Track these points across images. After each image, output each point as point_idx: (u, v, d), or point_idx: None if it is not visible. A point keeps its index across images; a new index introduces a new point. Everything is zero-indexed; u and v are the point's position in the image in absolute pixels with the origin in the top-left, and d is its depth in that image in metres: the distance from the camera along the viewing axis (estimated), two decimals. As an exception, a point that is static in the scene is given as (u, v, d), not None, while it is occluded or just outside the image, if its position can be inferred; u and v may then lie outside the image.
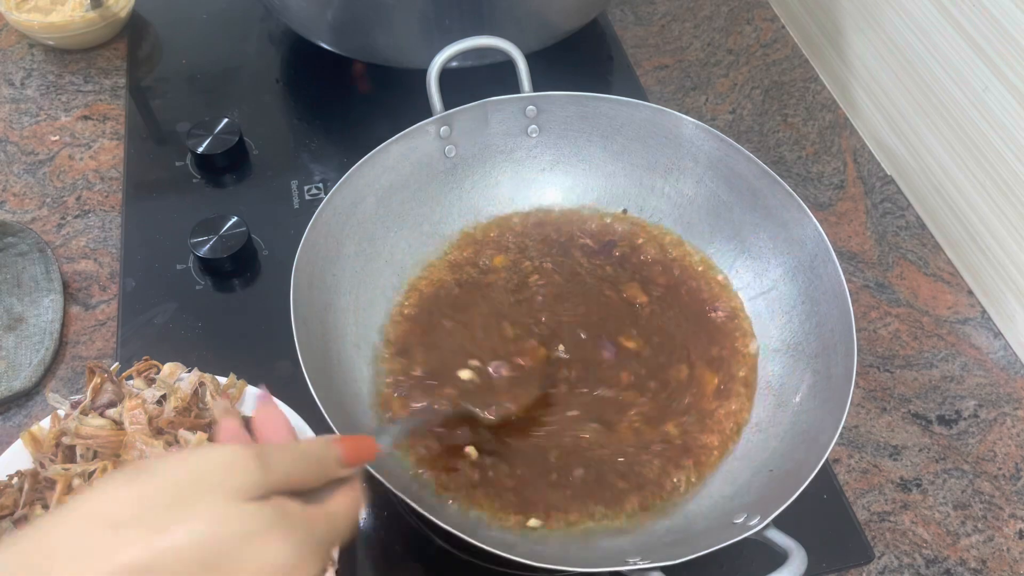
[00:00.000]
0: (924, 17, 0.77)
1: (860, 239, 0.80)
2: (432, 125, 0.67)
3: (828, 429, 0.53)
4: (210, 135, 0.80)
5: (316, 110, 0.88)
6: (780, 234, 0.65)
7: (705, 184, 0.69)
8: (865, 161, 0.86)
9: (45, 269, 0.73)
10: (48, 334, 0.69)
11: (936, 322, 0.74)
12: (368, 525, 0.61)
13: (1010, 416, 0.69)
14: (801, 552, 0.46)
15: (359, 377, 0.61)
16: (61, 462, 0.53)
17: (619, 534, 0.55)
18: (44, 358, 0.68)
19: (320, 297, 0.60)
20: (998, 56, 0.69)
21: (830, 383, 0.57)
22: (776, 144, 0.88)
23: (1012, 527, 0.63)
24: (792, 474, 0.52)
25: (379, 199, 0.66)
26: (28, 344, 0.69)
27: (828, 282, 0.60)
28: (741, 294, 0.67)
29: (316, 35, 0.82)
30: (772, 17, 1.01)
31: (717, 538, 0.48)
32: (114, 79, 0.90)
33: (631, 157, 0.71)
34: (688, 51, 0.97)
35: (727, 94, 0.92)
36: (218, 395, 0.58)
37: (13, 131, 0.85)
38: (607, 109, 0.69)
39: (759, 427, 0.60)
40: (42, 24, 0.88)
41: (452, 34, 0.67)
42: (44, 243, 0.74)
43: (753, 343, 0.65)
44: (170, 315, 0.71)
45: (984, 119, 0.72)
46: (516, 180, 0.72)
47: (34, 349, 0.68)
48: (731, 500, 0.56)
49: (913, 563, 0.61)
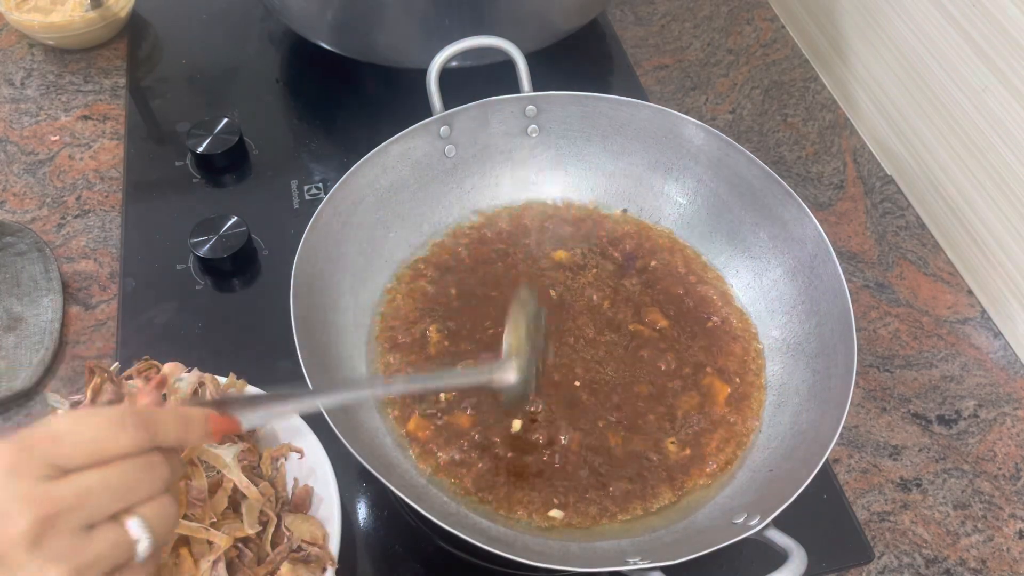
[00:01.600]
0: (924, 17, 0.77)
1: (860, 239, 0.80)
2: (432, 125, 0.67)
3: (828, 429, 0.53)
4: (210, 135, 0.80)
5: (316, 110, 0.88)
6: (780, 234, 0.65)
7: (705, 184, 0.69)
8: (865, 161, 0.86)
9: (44, 269, 0.73)
10: (48, 334, 0.69)
11: (936, 322, 0.74)
12: (368, 525, 0.61)
13: (1010, 416, 0.69)
14: (801, 552, 0.46)
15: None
16: (61, 462, 0.53)
17: (619, 534, 0.55)
18: (44, 358, 0.68)
19: (320, 298, 0.60)
20: (998, 56, 0.69)
21: (830, 383, 0.57)
22: (776, 144, 0.88)
23: (1012, 527, 0.63)
24: (792, 474, 0.52)
25: (379, 199, 0.66)
26: (28, 344, 0.69)
27: (828, 281, 0.60)
28: (742, 295, 0.67)
29: (316, 35, 0.82)
30: (772, 17, 1.01)
31: (717, 538, 0.48)
32: (114, 79, 0.90)
33: (631, 157, 0.71)
34: (688, 51, 0.97)
35: (727, 94, 0.92)
36: (218, 395, 0.58)
37: (13, 131, 0.85)
38: (607, 109, 0.69)
39: (760, 426, 0.60)
40: (42, 24, 0.88)
41: (452, 33, 0.67)
42: (43, 242, 0.74)
43: (756, 345, 0.64)
44: (170, 315, 0.71)
45: (984, 119, 0.72)
46: (516, 180, 0.72)
47: (33, 349, 0.68)
48: (731, 500, 0.56)
49: (913, 563, 0.61)
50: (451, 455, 0.57)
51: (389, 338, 0.63)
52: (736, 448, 0.59)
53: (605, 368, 0.62)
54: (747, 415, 0.61)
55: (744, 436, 0.60)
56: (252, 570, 0.51)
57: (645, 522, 0.56)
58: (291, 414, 0.56)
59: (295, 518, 0.53)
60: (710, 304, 0.66)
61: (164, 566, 0.49)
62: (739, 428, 0.60)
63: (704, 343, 0.64)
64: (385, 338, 0.63)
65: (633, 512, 0.56)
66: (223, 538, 0.50)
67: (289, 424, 0.58)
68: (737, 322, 0.66)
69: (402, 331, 0.64)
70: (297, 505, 0.55)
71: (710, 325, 0.65)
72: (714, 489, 0.58)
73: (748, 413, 0.61)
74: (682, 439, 0.59)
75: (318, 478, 0.56)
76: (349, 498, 0.61)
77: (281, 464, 0.57)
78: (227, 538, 0.50)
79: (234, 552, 0.51)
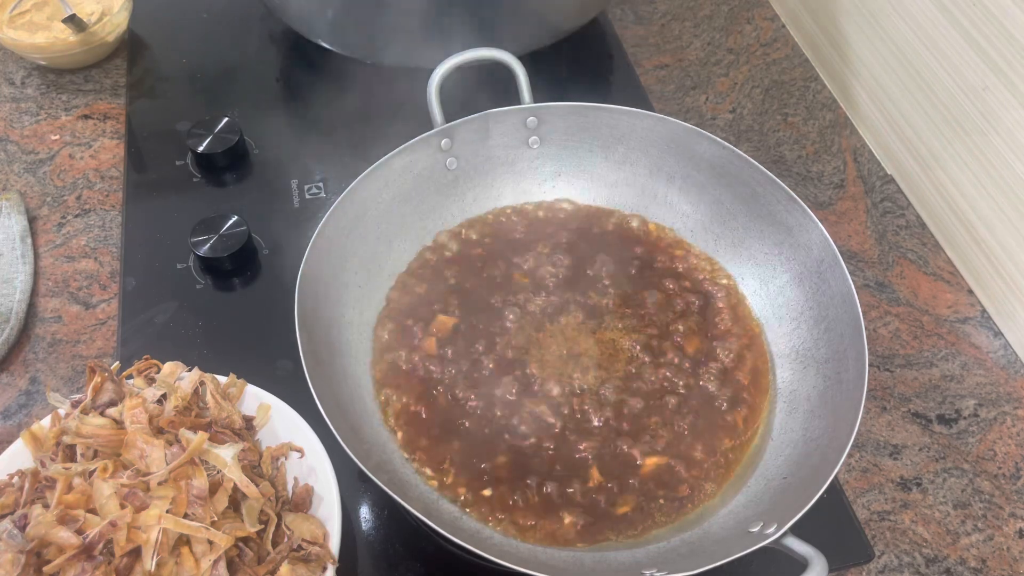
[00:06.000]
0: (924, 16, 0.77)
1: (860, 238, 0.80)
2: (433, 138, 0.67)
3: (841, 434, 0.53)
4: (210, 134, 0.80)
5: (316, 109, 0.88)
6: (786, 240, 0.65)
7: (708, 191, 0.69)
8: (865, 160, 0.86)
9: (21, 254, 0.72)
10: (14, 314, 0.69)
11: (936, 321, 0.74)
12: (368, 525, 0.61)
13: (1010, 415, 0.69)
14: (821, 560, 0.45)
15: (365, 395, 0.61)
16: (61, 461, 0.53)
17: (634, 546, 0.55)
18: (8, 337, 0.67)
19: (325, 312, 0.60)
20: (998, 55, 0.69)
21: (841, 388, 0.57)
22: (776, 143, 0.88)
23: (1012, 526, 0.63)
24: (807, 481, 0.52)
25: (381, 212, 0.66)
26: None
27: (836, 287, 0.60)
28: (749, 302, 0.67)
29: (316, 34, 0.82)
30: (772, 16, 1.01)
31: (734, 547, 0.47)
32: (114, 78, 0.90)
33: (633, 167, 0.71)
34: (688, 50, 0.97)
35: (727, 93, 0.92)
36: (218, 394, 0.58)
37: (14, 130, 0.85)
38: (608, 119, 0.69)
39: (772, 434, 0.60)
40: (28, 44, 0.86)
41: (452, 32, 0.67)
42: (26, 221, 0.74)
43: (767, 353, 0.64)
44: (170, 314, 0.71)
45: (984, 118, 0.72)
46: (518, 192, 0.72)
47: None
48: (746, 509, 0.56)
49: (913, 562, 0.61)
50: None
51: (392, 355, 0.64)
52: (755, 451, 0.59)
53: (618, 383, 0.62)
54: (752, 424, 0.61)
55: (764, 439, 0.60)
56: (253, 569, 0.51)
57: (656, 532, 0.56)
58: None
59: (295, 517, 0.53)
60: (727, 314, 0.66)
61: (165, 565, 0.49)
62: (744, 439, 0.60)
63: (734, 366, 0.64)
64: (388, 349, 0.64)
65: (643, 526, 0.56)
66: (224, 537, 0.50)
67: (289, 423, 0.58)
68: (750, 333, 0.65)
69: (404, 339, 0.64)
70: (297, 504, 0.55)
71: (735, 339, 0.65)
72: (722, 498, 0.57)
73: (761, 419, 0.61)
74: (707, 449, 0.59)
75: (318, 477, 0.56)
76: (349, 497, 0.61)
77: (281, 463, 0.57)
78: (228, 537, 0.50)
79: (235, 551, 0.51)
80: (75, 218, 0.78)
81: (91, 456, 0.54)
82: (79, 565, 0.47)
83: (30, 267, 0.73)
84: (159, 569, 0.48)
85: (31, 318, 0.71)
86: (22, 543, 0.47)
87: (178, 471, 0.51)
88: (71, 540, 0.48)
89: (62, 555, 0.47)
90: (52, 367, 0.69)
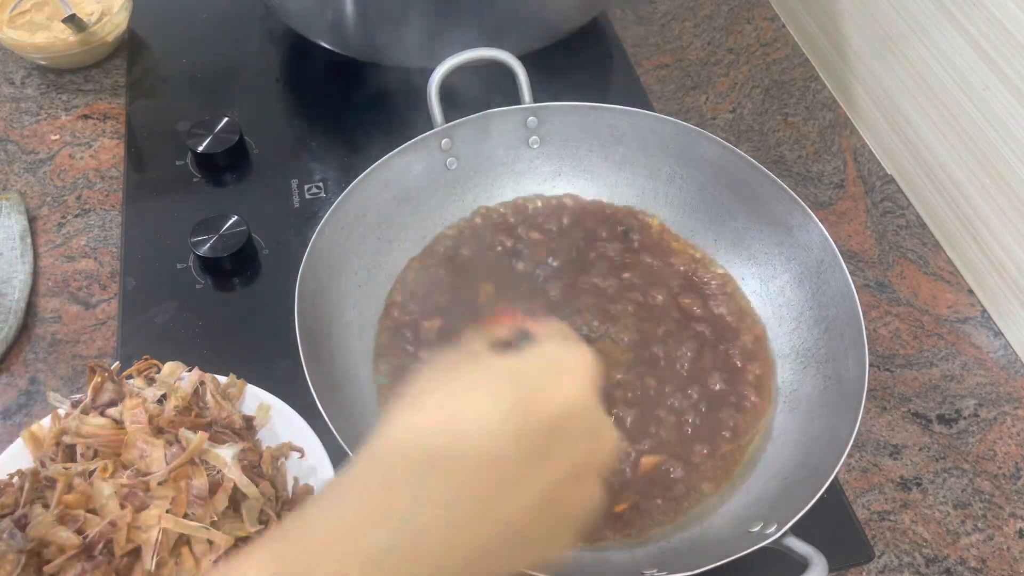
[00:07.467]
0: (924, 16, 0.77)
1: (860, 238, 0.80)
2: (433, 139, 0.67)
3: (842, 434, 0.53)
4: (210, 134, 0.80)
5: (316, 109, 0.88)
6: (785, 240, 0.65)
7: (708, 192, 0.69)
8: (865, 160, 0.86)
9: (21, 253, 0.72)
10: (13, 313, 0.69)
11: (936, 321, 0.74)
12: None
13: (1010, 415, 0.69)
14: (821, 560, 0.45)
15: (366, 395, 0.61)
16: (61, 461, 0.53)
17: (633, 545, 0.55)
18: (6, 336, 0.67)
19: (325, 312, 0.60)
20: (998, 55, 0.69)
21: (841, 388, 0.57)
22: (776, 143, 0.88)
23: (1012, 526, 0.63)
24: (807, 481, 0.52)
25: (382, 213, 0.66)
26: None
27: (836, 287, 0.60)
28: (749, 301, 0.67)
29: (316, 34, 0.82)
30: (772, 16, 1.01)
31: (734, 547, 0.47)
32: (114, 78, 0.90)
33: (633, 167, 0.71)
34: (688, 50, 0.97)
35: (727, 93, 0.92)
36: (218, 394, 0.58)
37: (13, 130, 0.85)
38: (609, 119, 0.69)
39: (771, 434, 0.60)
40: (28, 44, 0.86)
41: (452, 32, 0.67)
42: (26, 221, 0.74)
43: (767, 353, 0.64)
44: (170, 314, 0.71)
45: (984, 118, 0.72)
46: (518, 191, 0.72)
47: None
48: (746, 508, 0.55)
49: (913, 562, 0.61)
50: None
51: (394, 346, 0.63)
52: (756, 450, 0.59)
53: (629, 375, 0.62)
54: (752, 424, 0.61)
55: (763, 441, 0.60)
56: (253, 569, 0.51)
57: (655, 532, 0.56)
58: None
59: (296, 517, 0.53)
60: (732, 320, 0.66)
61: (165, 565, 0.49)
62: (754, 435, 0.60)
63: (734, 367, 0.64)
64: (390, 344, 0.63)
65: (641, 525, 0.56)
66: (224, 537, 0.50)
67: (289, 423, 0.58)
68: (754, 337, 0.65)
69: (405, 338, 0.64)
70: (297, 504, 0.55)
71: (739, 343, 0.65)
72: (720, 497, 0.57)
73: (762, 418, 0.61)
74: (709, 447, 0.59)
75: (318, 477, 0.56)
76: (349, 497, 0.61)
77: (282, 463, 0.57)
78: (228, 537, 0.50)
79: (235, 551, 0.51)
80: (75, 218, 0.78)
81: (91, 456, 0.54)
82: (79, 565, 0.47)
83: (29, 267, 0.73)
84: (159, 569, 0.49)
85: (31, 318, 0.71)
86: (22, 543, 0.47)
87: (178, 471, 0.51)
88: (71, 540, 0.48)
89: (62, 555, 0.47)
90: (52, 367, 0.69)
